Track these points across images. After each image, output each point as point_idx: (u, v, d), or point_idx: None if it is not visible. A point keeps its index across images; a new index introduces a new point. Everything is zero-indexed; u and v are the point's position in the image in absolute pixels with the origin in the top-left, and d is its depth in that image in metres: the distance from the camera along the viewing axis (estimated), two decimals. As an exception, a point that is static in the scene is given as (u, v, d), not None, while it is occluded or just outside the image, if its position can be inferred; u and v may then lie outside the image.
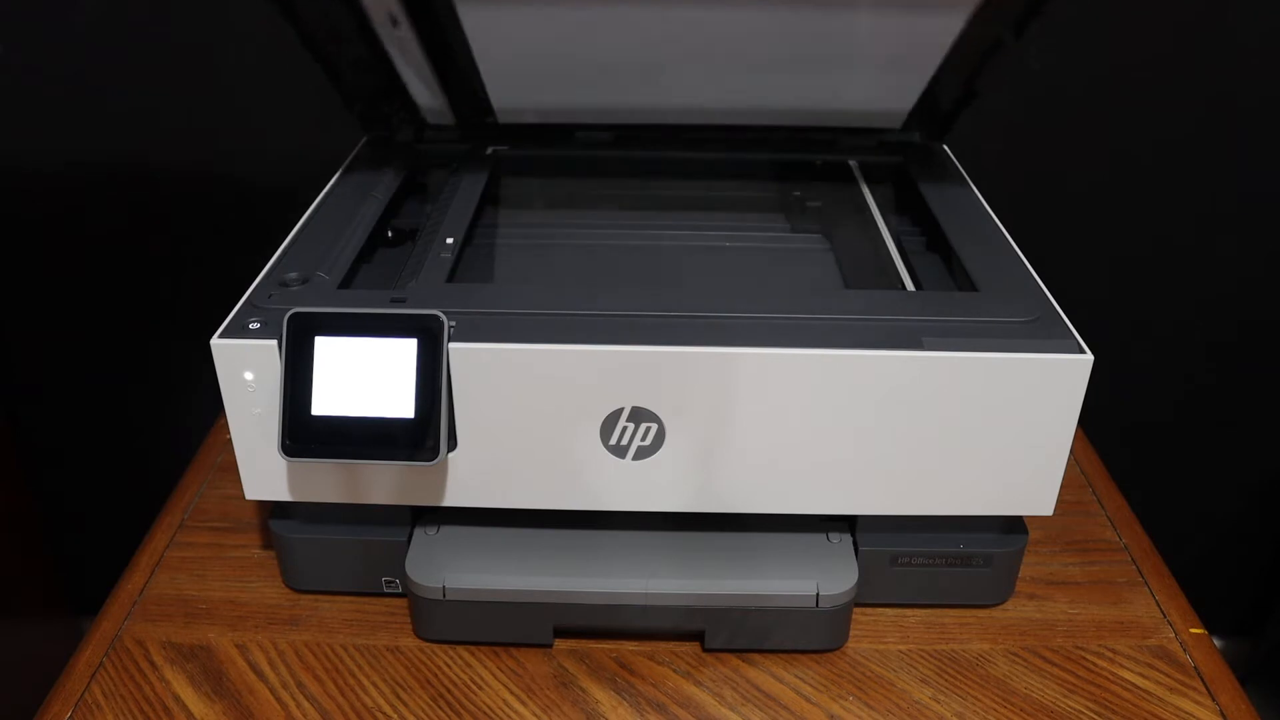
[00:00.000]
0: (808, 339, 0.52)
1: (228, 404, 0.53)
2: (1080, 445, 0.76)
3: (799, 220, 0.73)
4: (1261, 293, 1.05)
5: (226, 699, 0.55)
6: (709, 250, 0.70)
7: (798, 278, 0.67)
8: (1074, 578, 0.64)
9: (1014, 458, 0.54)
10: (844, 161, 0.77)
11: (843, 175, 0.76)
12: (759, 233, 0.72)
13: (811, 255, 0.69)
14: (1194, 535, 1.20)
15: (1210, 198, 1.00)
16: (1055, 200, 1.00)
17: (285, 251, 0.61)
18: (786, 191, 0.76)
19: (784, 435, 0.53)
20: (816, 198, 0.74)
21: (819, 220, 0.72)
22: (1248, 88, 0.94)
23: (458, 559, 0.57)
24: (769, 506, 0.56)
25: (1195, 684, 0.57)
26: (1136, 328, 1.06)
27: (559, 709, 0.55)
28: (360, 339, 0.51)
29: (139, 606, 0.61)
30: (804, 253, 0.70)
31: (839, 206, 0.72)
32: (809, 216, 0.73)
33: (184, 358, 1.07)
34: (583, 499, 0.55)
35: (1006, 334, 0.52)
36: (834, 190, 0.74)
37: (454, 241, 0.63)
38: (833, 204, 0.73)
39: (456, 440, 0.53)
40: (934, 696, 0.56)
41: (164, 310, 1.06)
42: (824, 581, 0.56)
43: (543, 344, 0.51)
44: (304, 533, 0.59)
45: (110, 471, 1.16)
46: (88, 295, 1.05)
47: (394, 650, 0.58)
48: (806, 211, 0.73)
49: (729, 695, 0.56)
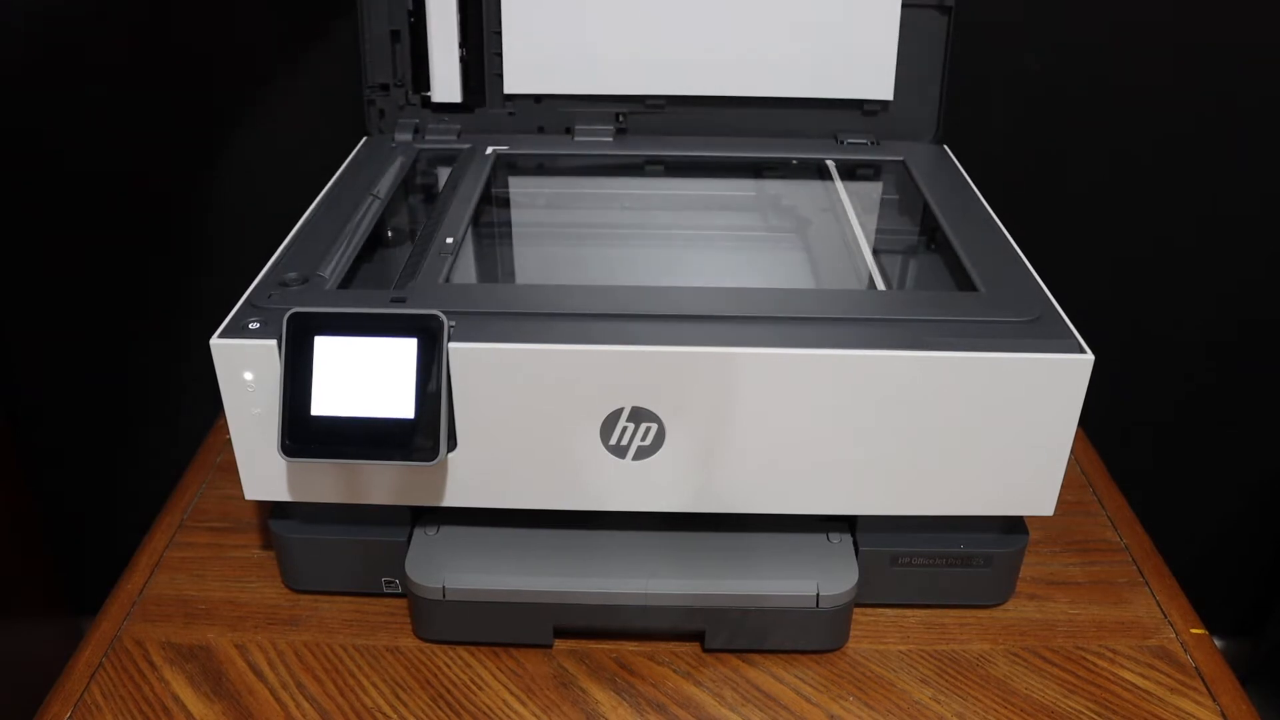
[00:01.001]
0: (808, 339, 0.51)
1: (227, 404, 0.53)
2: (1080, 445, 0.76)
3: (799, 220, 0.73)
4: (1261, 293, 1.04)
5: (226, 699, 0.55)
6: (709, 250, 0.70)
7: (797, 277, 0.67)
8: (1074, 578, 0.64)
9: (1014, 458, 0.54)
10: (845, 161, 0.77)
11: (843, 174, 0.76)
12: (759, 233, 0.72)
13: (812, 255, 0.69)
14: (1194, 535, 1.20)
15: (1210, 198, 0.99)
16: (1055, 200, 1.00)
17: (285, 251, 0.61)
18: (786, 191, 0.76)
19: (784, 435, 0.53)
20: (817, 197, 0.74)
21: (819, 220, 0.72)
22: (1248, 87, 0.94)
23: (457, 559, 0.57)
24: (769, 506, 0.56)
25: (1196, 684, 0.57)
26: (1136, 328, 1.06)
27: (559, 709, 0.55)
28: (360, 339, 0.51)
29: (138, 607, 0.61)
30: (804, 252, 0.70)
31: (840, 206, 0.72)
32: (808, 216, 0.73)
33: (184, 358, 1.07)
34: (582, 499, 0.55)
35: (1007, 334, 0.52)
36: (835, 190, 0.74)
37: (454, 241, 0.63)
38: (833, 203, 0.73)
39: (456, 440, 0.53)
40: (934, 697, 0.56)
41: (164, 310, 1.06)
42: (824, 582, 0.56)
43: (543, 344, 0.51)
44: (304, 533, 0.59)
45: (110, 471, 1.16)
46: (88, 295, 1.05)
47: (394, 650, 0.58)
48: (806, 211, 0.73)
49: (729, 695, 0.56)
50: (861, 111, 0.79)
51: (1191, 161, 0.98)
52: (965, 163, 0.76)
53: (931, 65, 0.77)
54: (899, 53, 0.76)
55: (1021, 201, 0.87)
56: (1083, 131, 0.97)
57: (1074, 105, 0.96)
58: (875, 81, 0.76)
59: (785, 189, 0.77)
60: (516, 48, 0.74)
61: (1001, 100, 0.95)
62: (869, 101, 0.78)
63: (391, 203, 0.69)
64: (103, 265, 1.04)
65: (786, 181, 0.77)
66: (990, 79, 0.94)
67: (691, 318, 0.53)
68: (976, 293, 0.57)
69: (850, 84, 0.76)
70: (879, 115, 0.79)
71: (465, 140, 0.77)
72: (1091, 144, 0.97)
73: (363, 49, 0.77)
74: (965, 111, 0.81)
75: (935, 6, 0.75)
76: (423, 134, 0.78)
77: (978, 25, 0.85)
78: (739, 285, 0.66)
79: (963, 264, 0.60)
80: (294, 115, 0.96)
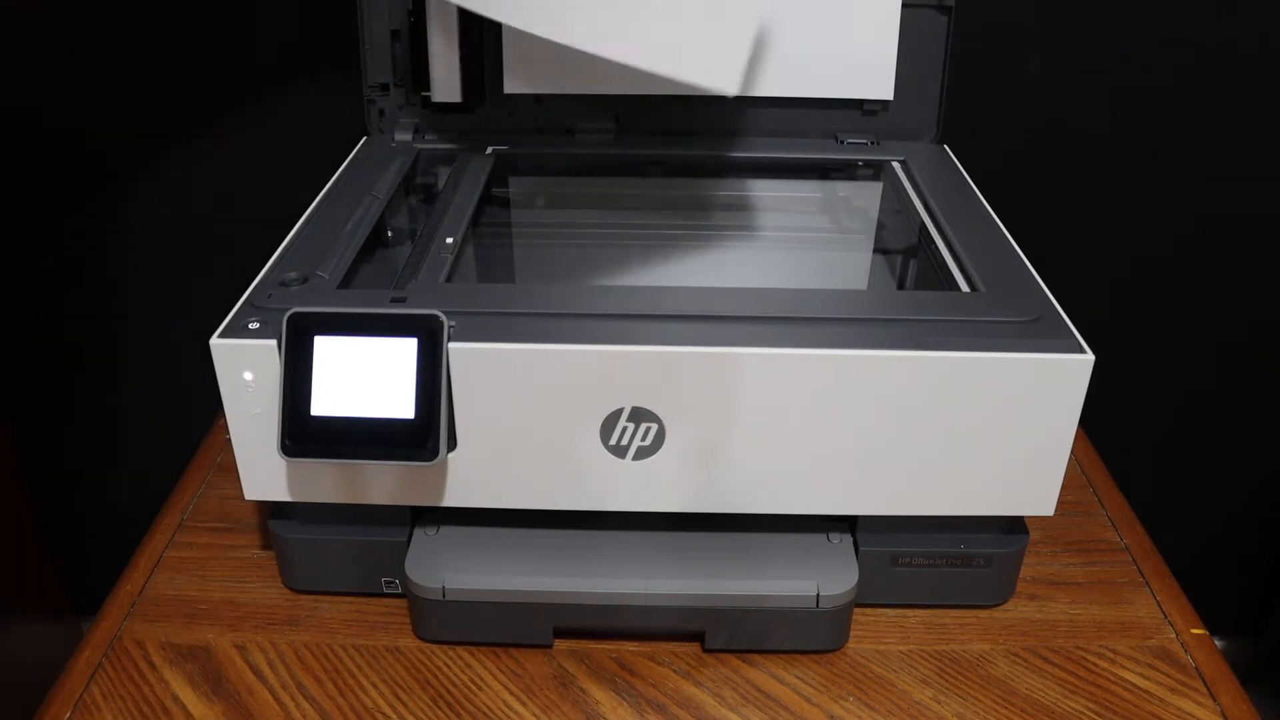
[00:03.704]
0: (808, 339, 0.51)
1: (227, 404, 0.53)
2: (1080, 445, 0.76)
3: (799, 219, 0.73)
4: (1262, 294, 1.04)
5: (226, 699, 0.55)
6: (709, 250, 0.70)
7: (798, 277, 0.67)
8: (1075, 578, 0.64)
9: (1015, 458, 0.54)
10: (845, 160, 0.77)
11: (844, 174, 0.76)
12: (759, 232, 0.72)
13: (812, 254, 0.69)
14: (1194, 535, 1.20)
15: (1210, 198, 0.99)
16: (1055, 200, 1.00)
17: (285, 251, 0.61)
18: (786, 191, 0.76)
19: (784, 435, 0.53)
20: (817, 197, 0.74)
21: (819, 219, 0.72)
22: (1248, 88, 0.94)
23: (457, 559, 0.57)
24: (769, 506, 0.56)
25: (1196, 684, 0.57)
26: (1137, 328, 1.06)
27: (559, 709, 0.55)
28: (360, 339, 0.51)
29: (138, 607, 0.61)
30: (804, 252, 0.70)
31: (840, 206, 0.72)
32: (808, 216, 0.73)
33: (184, 357, 1.07)
34: (583, 499, 0.55)
35: (1007, 334, 0.52)
36: (834, 189, 0.74)
37: (454, 241, 0.63)
38: (833, 203, 0.73)
39: (456, 440, 0.53)
40: (934, 697, 0.56)
41: (164, 310, 1.06)
42: (824, 582, 0.56)
43: (543, 344, 0.51)
44: (303, 533, 0.59)
45: (110, 471, 1.16)
46: (87, 295, 1.05)
47: (394, 651, 0.58)
48: (806, 211, 0.73)
49: (729, 696, 0.56)
50: (861, 111, 0.78)
51: (1192, 161, 0.98)
52: (965, 163, 0.76)
53: (931, 65, 0.77)
54: (899, 53, 0.76)
55: (1021, 201, 0.87)
56: (1083, 131, 0.97)
57: (1074, 105, 0.96)
58: (875, 81, 0.76)
59: (785, 189, 0.76)
60: (516, 48, 0.73)
61: (1001, 100, 0.95)
62: (869, 101, 0.78)
63: (391, 203, 0.69)
64: (102, 265, 1.04)
65: (786, 181, 0.77)
66: (990, 79, 0.94)
67: (691, 318, 0.53)
68: (977, 293, 0.57)
69: (850, 84, 0.76)
70: (879, 115, 0.78)
71: (465, 140, 0.77)
72: (1091, 144, 0.97)
73: (363, 49, 0.77)
74: (965, 111, 0.81)
75: (935, 6, 0.75)
76: (423, 134, 0.78)
77: (978, 25, 0.85)
78: (739, 285, 0.66)
79: (963, 264, 0.60)
80: (294, 115, 0.96)
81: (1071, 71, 0.94)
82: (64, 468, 1.16)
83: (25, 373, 1.10)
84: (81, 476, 1.17)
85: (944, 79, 0.77)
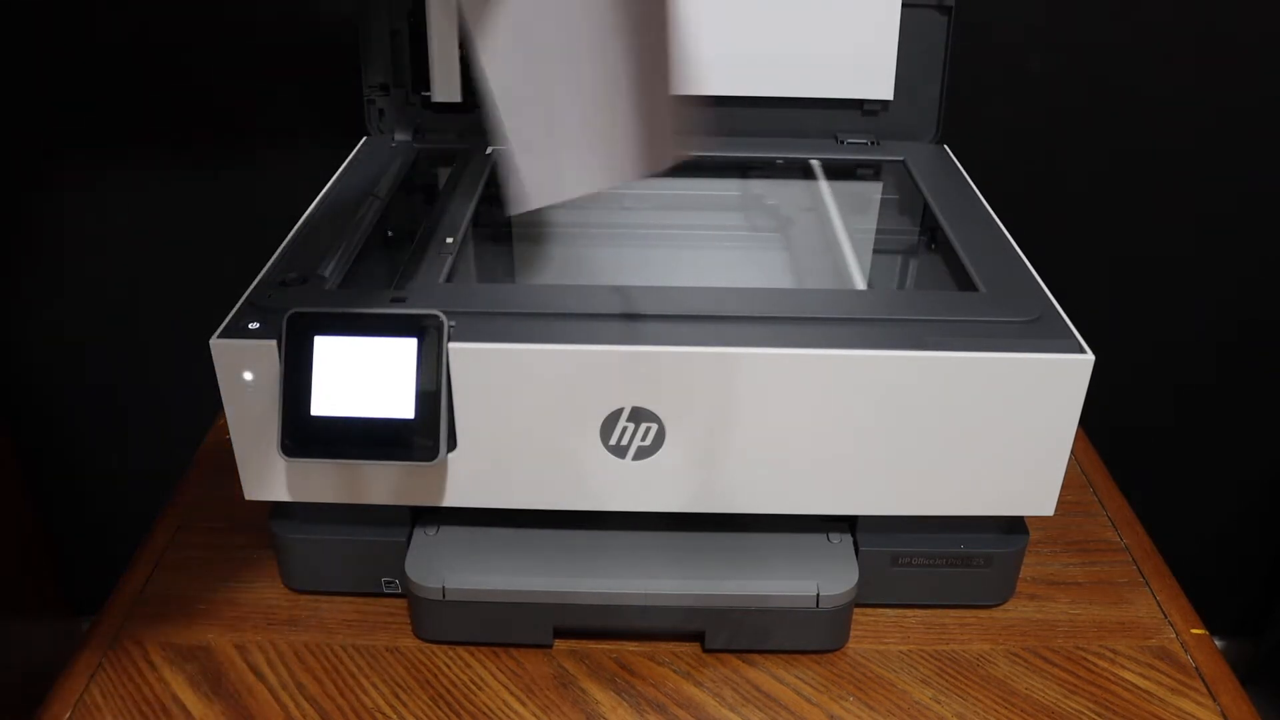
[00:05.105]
0: (808, 339, 0.51)
1: (227, 404, 0.53)
2: (1080, 445, 0.76)
3: (801, 220, 0.73)
4: (1261, 293, 1.04)
5: (225, 699, 0.55)
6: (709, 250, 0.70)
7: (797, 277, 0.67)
8: (1075, 578, 0.64)
9: (1014, 458, 0.54)
10: (845, 161, 0.77)
11: (844, 174, 0.76)
12: (760, 233, 0.72)
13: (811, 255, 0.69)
14: (1195, 535, 1.20)
15: (1210, 198, 0.99)
16: (1055, 200, 1.00)
17: (285, 251, 0.61)
18: (786, 191, 0.76)
19: (784, 435, 0.53)
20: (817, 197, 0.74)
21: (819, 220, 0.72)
22: (1248, 87, 0.94)
23: (457, 559, 0.57)
24: (769, 507, 0.56)
25: (1196, 684, 0.57)
26: (1136, 328, 1.06)
27: (559, 709, 0.55)
28: (360, 339, 0.51)
29: (138, 607, 0.61)
30: (804, 252, 0.70)
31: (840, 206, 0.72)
32: (808, 216, 0.73)
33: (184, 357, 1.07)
34: (583, 499, 0.55)
35: (1007, 334, 0.52)
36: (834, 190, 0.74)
37: (453, 241, 0.63)
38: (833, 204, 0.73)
39: (456, 440, 0.53)
40: (935, 697, 0.56)
41: (163, 310, 1.06)
42: (824, 582, 0.56)
43: (543, 344, 0.51)
44: (303, 533, 0.59)
45: (110, 471, 1.16)
46: (87, 295, 1.05)
47: (394, 651, 0.58)
48: (806, 211, 0.73)
49: (729, 696, 0.56)
50: (861, 111, 0.78)
51: (1191, 161, 0.98)
52: (965, 163, 0.76)
53: (931, 65, 0.77)
54: (899, 53, 0.76)
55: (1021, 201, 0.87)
56: (1083, 132, 0.97)
57: (1074, 106, 0.96)
58: (875, 81, 0.76)
59: (785, 189, 0.76)
60: None
61: (1001, 100, 0.95)
62: (869, 101, 0.78)
63: (391, 203, 0.69)
64: (101, 264, 1.04)
65: (787, 182, 0.77)
66: (990, 79, 0.94)
67: (691, 318, 0.53)
68: (977, 293, 0.57)
69: (850, 84, 0.76)
70: (879, 115, 0.79)
71: (465, 140, 0.77)
72: (1091, 144, 0.97)
73: (363, 49, 0.77)
74: (965, 111, 0.81)
75: (935, 6, 0.75)
76: (423, 134, 0.78)
77: (978, 25, 0.85)
78: (739, 285, 0.66)
79: (963, 264, 0.60)
80: (294, 115, 0.96)
81: (1071, 71, 0.94)
82: (64, 468, 1.16)
83: (25, 373, 1.10)
84: (81, 476, 1.17)
85: (944, 79, 0.77)
